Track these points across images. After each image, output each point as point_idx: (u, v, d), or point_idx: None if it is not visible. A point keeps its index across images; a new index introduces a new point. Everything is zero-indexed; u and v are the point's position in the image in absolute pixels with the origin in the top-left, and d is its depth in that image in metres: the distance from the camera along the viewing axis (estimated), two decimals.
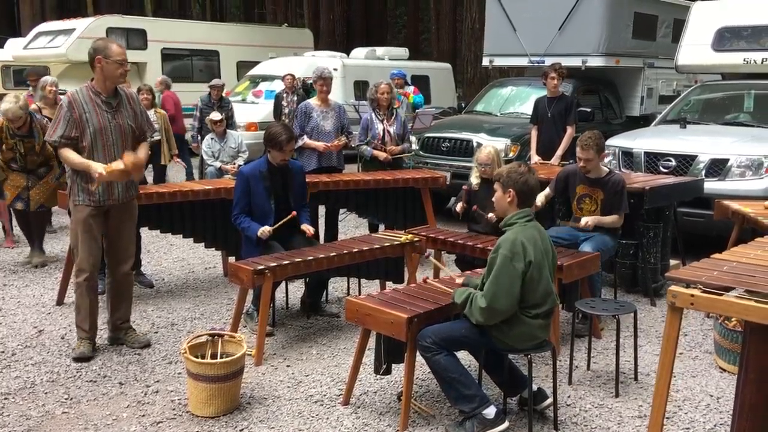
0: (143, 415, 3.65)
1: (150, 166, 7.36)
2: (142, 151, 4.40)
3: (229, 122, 9.89)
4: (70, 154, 4.19)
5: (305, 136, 6.37)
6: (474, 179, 5.44)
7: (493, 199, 3.55)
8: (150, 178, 7.59)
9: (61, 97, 4.32)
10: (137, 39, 14.49)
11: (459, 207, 5.40)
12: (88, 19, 14.77)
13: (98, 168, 4.10)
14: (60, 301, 5.37)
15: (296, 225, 4.93)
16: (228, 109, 9.96)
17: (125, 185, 4.38)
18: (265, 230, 4.74)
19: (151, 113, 7.49)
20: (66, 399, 3.82)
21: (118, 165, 4.14)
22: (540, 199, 5.12)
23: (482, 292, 3.27)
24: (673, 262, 5.95)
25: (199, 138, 9.59)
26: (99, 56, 4.18)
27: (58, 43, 13.79)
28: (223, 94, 10.24)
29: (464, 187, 5.44)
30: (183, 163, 9.29)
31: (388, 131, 6.70)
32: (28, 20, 22.13)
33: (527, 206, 3.45)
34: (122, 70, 4.23)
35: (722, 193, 6.18)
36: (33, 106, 6.89)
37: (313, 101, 6.59)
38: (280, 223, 4.81)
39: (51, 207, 6.64)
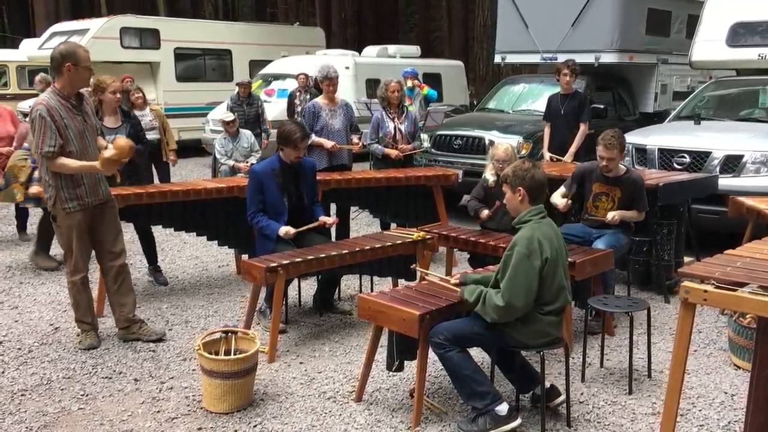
0: (158, 411, 3.69)
1: (152, 165, 7.32)
2: (103, 142, 4.52)
3: (261, 118, 9.97)
4: (66, 161, 4.14)
5: (314, 135, 6.39)
6: (490, 176, 5.41)
7: (504, 200, 3.54)
8: (156, 179, 7.50)
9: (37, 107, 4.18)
10: (150, 39, 14.57)
11: (485, 213, 5.32)
12: (101, 19, 14.86)
13: (98, 165, 4.14)
14: None
15: (310, 221, 4.96)
16: (257, 105, 10.03)
17: (105, 184, 4.46)
18: (289, 231, 4.75)
19: (146, 111, 7.45)
20: (82, 395, 3.86)
21: (106, 154, 4.13)
22: (561, 201, 5.07)
23: (498, 290, 3.26)
24: (687, 259, 5.91)
25: None
26: (69, 63, 4.11)
27: None
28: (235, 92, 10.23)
29: (486, 188, 5.38)
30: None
31: (399, 129, 6.70)
32: (43, 21, 22.28)
33: (539, 202, 3.43)
34: (89, 74, 4.25)
35: (737, 189, 6.13)
36: None
37: (320, 100, 6.58)
38: (304, 228, 4.83)
39: None
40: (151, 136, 7.12)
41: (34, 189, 6.21)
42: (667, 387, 3.03)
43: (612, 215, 4.91)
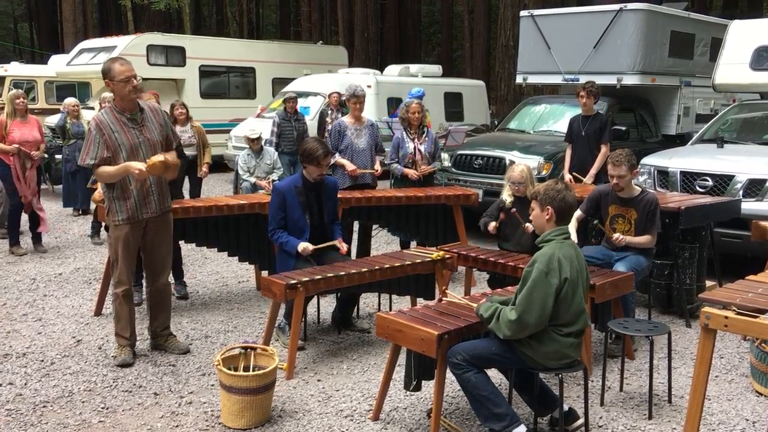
0: (177, 426, 3.71)
1: (186, 178, 7.49)
2: (171, 156, 4.50)
3: (303, 136, 10.01)
4: (105, 169, 4.27)
5: (338, 154, 6.44)
6: (507, 197, 5.42)
7: (531, 217, 3.56)
8: (186, 193, 7.69)
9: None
10: (176, 56, 14.81)
11: (492, 226, 5.35)
12: (129, 37, 15.14)
13: (137, 165, 4.18)
14: (98, 312, 5.49)
15: (329, 239, 5.00)
16: (303, 122, 10.12)
17: (159, 198, 4.47)
18: (308, 248, 4.80)
19: (186, 128, 7.65)
20: (102, 408, 3.90)
21: (157, 158, 4.22)
22: (572, 224, 5.03)
23: (512, 306, 3.27)
24: (709, 283, 5.86)
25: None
26: (106, 79, 4.28)
27: (100, 60, 14.16)
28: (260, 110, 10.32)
29: (505, 209, 5.36)
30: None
31: (419, 150, 6.74)
32: (71, 37, 22.77)
33: (565, 223, 3.45)
34: (130, 86, 4.26)
35: (760, 213, 6.07)
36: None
37: (347, 119, 6.65)
38: (321, 246, 4.88)
39: None
40: (188, 152, 7.44)
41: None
42: (687, 413, 3.00)
43: (617, 236, 4.86)
